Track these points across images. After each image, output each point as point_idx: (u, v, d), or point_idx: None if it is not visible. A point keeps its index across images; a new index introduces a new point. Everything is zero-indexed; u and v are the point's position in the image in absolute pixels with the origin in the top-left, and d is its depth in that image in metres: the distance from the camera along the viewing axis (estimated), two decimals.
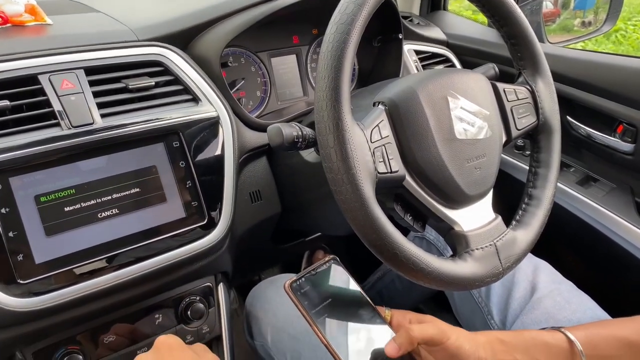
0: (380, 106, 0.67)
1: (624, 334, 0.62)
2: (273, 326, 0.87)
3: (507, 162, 1.23)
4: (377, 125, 0.64)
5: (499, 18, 0.78)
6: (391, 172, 0.64)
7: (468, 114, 0.71)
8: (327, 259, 0.67)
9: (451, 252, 0.71)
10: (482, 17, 1.69)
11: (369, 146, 0.62)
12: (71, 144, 0.68)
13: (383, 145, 0.64)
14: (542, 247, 0.82)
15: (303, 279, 0.63)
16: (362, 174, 0.59)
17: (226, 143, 0.81)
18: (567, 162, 1.19)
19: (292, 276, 0.64)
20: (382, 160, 0.63)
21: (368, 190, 0.60)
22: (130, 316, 0.77)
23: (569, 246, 1.18)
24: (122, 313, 0.76)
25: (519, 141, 1.25)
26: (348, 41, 0.59)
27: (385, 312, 0.69)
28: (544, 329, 0.68)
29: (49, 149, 0.66)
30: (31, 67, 0.70)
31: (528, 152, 1.23)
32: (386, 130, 0.65)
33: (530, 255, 0.93)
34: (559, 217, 1.08)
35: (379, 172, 0.62)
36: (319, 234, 1.17)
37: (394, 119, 0.67)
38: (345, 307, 0.65)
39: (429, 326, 0.61)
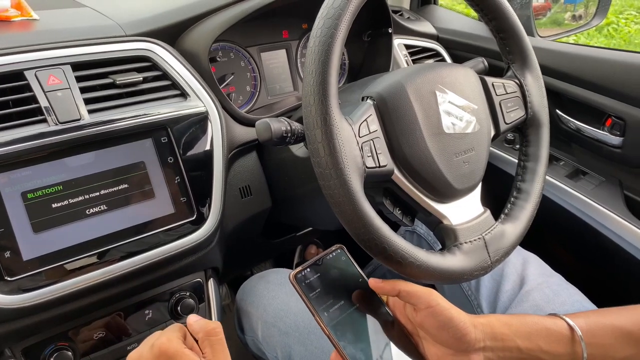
0: (368, 101, 0.67)
1: (621, 323, 0.62)
2: (263, 321, 0.87)
3: (497, 155, 1.24)
4: (365, 119, 0.64)
5: (488, 12, 0.78)
6: (379, 166, 0.64)
7: (456, 108, 0.71)
8: (333, 248, 0.66)
9: (439, 247, 0.71)
10: (473, 12, 1.69)
11: (357, 141, 0.62)
12: (58, 140, 0.68)
13: (371, 139, 0.64)
14: (531, 240, 0.83)
15: (308, 269, 0.62)
16: (350, 168, 0.59)
17: (215, 138, 0.81)
18: (557, 155, 1.20)
19: (298, 267, 0.63)
20: (370, 154, 0.63)
21: (356, 185, 0.60)
22: (120, 312, 0.77)
23: (558, 239, 1.19)
24: (112, 309, 0.76)
25: (509, 135, 1.25)
26: (335, 35, 0.59)
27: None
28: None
29: (35, 146, 0.66)
30: (17, 63, 0.69)
31: (518, 146, 1.24)
32: (374, 125, 0.65)
33: (519, 248, 0.93)
34: (549, 211, 1.09)
35: (367, 167, 0.62)
36: (310, 228, 1.17)
37: (382, 114, 0.67)
38: (350, 298, 0.64)
39: (419, 285, 0.61)
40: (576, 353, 0.60)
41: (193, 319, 0.61)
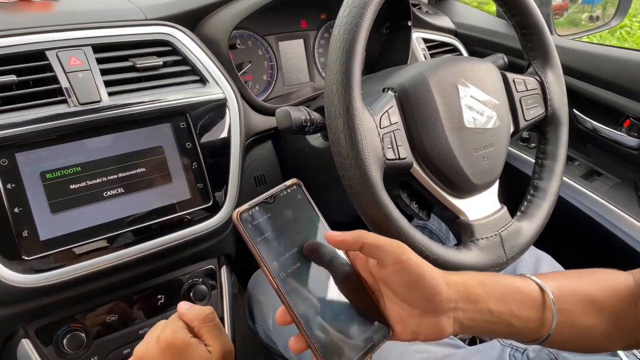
0: (390, 92, 0.67)
1: (588, 290, 0.59)
2: (275, 310, 0.86)
3: (512, 154, 1.23)
4: (386, 111, 0.64)
5: (511, 7, 0.77)
6: (399, 158, 0.64)
7: (477, 102, 0.71)
8: (288, 183, 0.55)
9: (453, 243, 0.71)
10: (490, 7, 1.67)
11: (378, 132, 0.61)
12: (78, 122, 0.68)
13: (392, 131, 0.63)
14: (544, 239, 0.82)
15: (257, 207, 0.52)
16: (370, 159, 0.59)
17: (233, 125, 0.80)
18: (572, 155, 1.19)
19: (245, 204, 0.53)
20: (390, 146, 0.63)
21: (376, 176, 0.59)
22: (133, 296, 0.77)
23: (572, 239, 1.18)
24: (125, 292, 0.76)
25: (524, 133, 1.25)
26: (361, 24, 0.58)
27: None
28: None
29: (55, 126, 0.66)
30: (39, 43, 0.69)
31: (533, 145, 1.23)
32: (395, 117, 0.65)
33: (532, 247, 0.93)
34: (563, 210, 1.08)
35: (387, 159, 0.62)
36: None
37: (403, 106, 0.66)
38: (303, 243, 0.53)
39: (386, 238, 0.53)
40: (546, 319, 0.56)
41: (184, 307, 0.57)
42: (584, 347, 0.61)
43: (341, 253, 0.55)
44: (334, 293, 0.53)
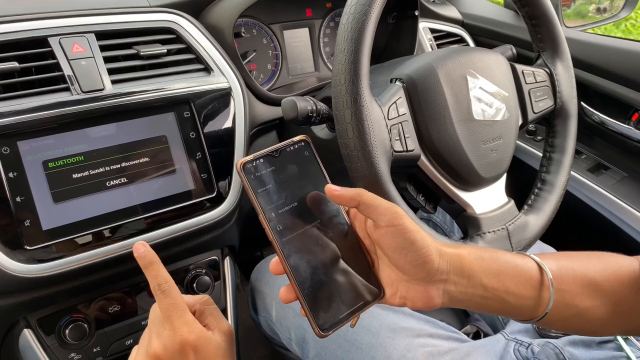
0: (398, 83, 0.66)
1: (589, 272, 0.57)
2: (278, 301, 0.86)
3: (518, 146, 1.22)
4: (394, 102, 0.63)
5: None
6: (407, 150, 0.63)
7: (486, 94, 0.70)
8: (297, 139, 0.54)
9: (457, 235, 0.70)
10: None
11: (386, 123, 0.60)
12: (81, 110, 0.67)
13: (400, 123, 0.62)
14: (550, 233, 0.81)
15: (262, 159, 0.51)
16: (378, 151, 0.58)
17: (237, 115, 0.79)
18: (579, 149, 1.17)
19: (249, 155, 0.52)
20: (398, 138, 0.62)
21: (383, 168, 0.59)
22: (135, 287, 0.77)
23: (577, 233, 1.17)
24: (128, 283, 0.76)
25: (530, 126, 1.23)
26: (370, 13, 0.57)
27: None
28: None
29: (58, 114, 0.65)
30: (41, 29, 0.68)
31: (539, 137, 1.22)
32: (403, 108, 0.64)
33: (538, 241, 0.92)
34: (569, 204, 1.07)
35: (394, 151, 0.61)
36: None
37: (411, 97, 0.65)
38: (304, 199, 0.53)
39: (383, 199, 0.52)
40: (543, 298, 0.55)
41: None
42: (579, 329, 0.60)
43: (342, 212, 0.55)
44: (330, 250, 0.52)
